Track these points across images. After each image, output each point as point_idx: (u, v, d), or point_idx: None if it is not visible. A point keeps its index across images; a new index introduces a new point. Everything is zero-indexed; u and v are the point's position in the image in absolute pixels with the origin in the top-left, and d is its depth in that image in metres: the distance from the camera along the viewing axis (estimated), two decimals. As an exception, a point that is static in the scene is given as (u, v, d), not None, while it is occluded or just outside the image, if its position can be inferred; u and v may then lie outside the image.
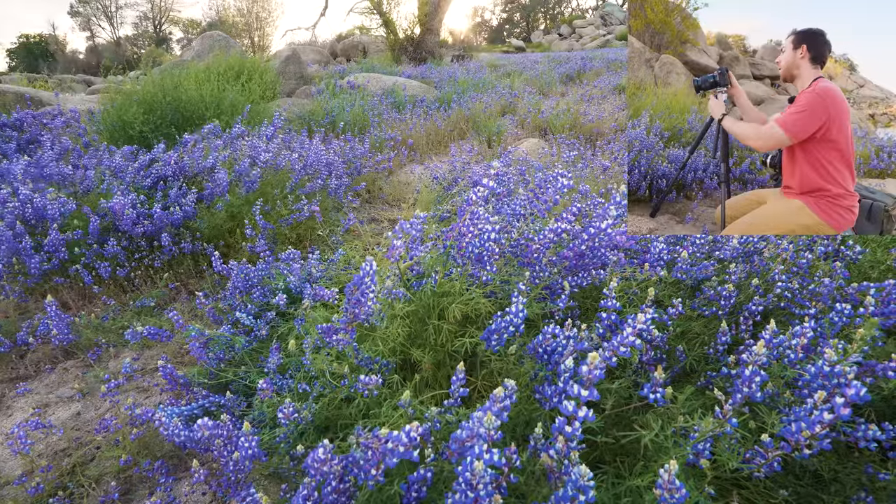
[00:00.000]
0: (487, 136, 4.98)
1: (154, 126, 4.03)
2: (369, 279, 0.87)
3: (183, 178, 2.68)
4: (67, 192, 2.66)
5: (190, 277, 2.46)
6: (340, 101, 5.64)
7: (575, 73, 9.36)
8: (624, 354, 0.80)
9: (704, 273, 1.30)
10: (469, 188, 2.61)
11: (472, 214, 1.13)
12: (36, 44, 33.10)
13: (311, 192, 2.61)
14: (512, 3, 42.50)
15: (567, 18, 34.65)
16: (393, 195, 3.62)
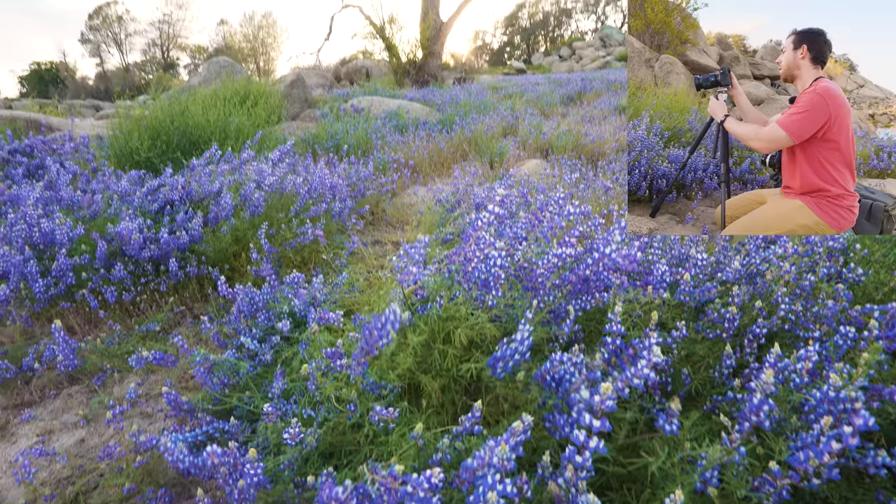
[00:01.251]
0: (490, 157, 5.04)
1: (161, 151, 4.10)
2: (391, 326, 0.88)
3: (189, 202, 2.71)
4: (76, 216, 2.70)
5: (195, 301, 2.47)
6: (344, 124, 5.73)
7: (575, 94, 9.50)
8: (637, 387, 0.80)
9: (707, 295, 1.31)
10: (472, 210, 2.63)
11: (478, 240, 1.15)
12: (47, 70, 33.88)
13: (316, 215, 2.63)
14: (512, 26, 43.39)
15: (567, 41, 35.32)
16: (396, 217, 3.65)
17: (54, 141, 4.78)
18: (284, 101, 7.18)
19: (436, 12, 14.01)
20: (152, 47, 40.56)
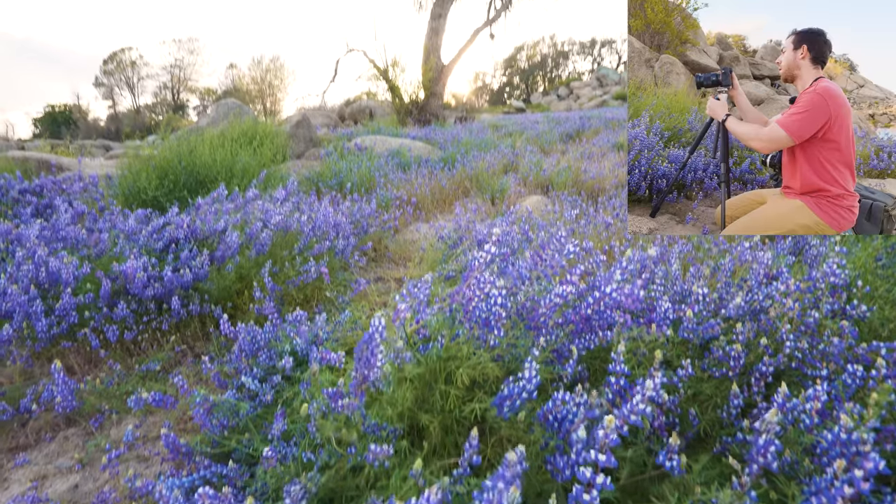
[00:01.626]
0: (491, 193, 5.10)
1: (168, 190, 4.18)
2: (378, 336, 0.88)
3: (194, 240, 2.74)
4: (81, 254, 2.73)
5: (196, 340, 2.46)
6: (348, 162, 5.85)
7: (574, 132, 9.72)
8: (635, 423, 0.79)
9: (711, 332, 1.30)
10: (474, 247, 2.65)
11: (479, 279, 1.15)
12: (60, 113, 34.95)
13: (319, 253, 2.65)
14: (511, 67, 44.84)
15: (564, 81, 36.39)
16: (399, 254, 3.67)
17: (64, 181, 4.88)
18: (290, 140, 7.35)
19: (437, 56, 14.52)
20: (163, 90, 41.97)
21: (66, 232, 2.83)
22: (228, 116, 8.58)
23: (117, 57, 40.50)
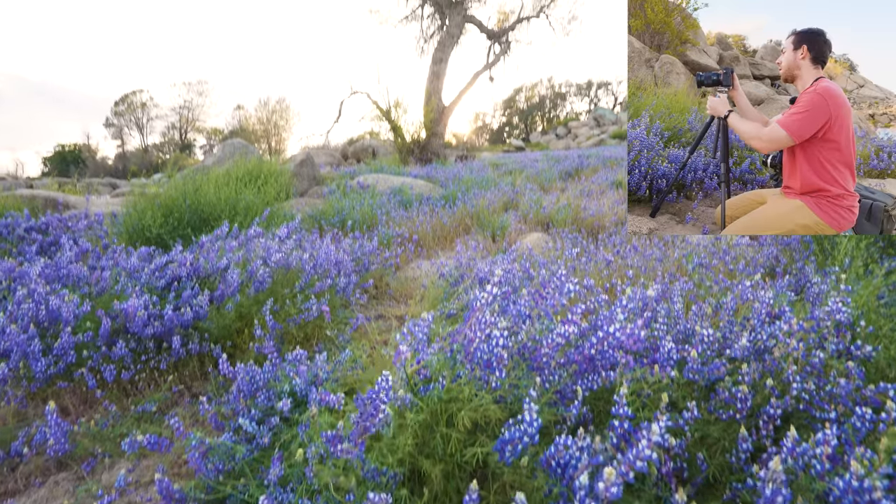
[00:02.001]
0: (492, 231, 5.14)
1: (172, 228, 4.22)
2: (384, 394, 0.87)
3: (196, 278, 2.75)
4: (83, 293, 2.72)
5: (194, 380, 2.43)
6: (350, 200, 5.93)
7: (573, 170, 9.88)
8: (641, 469, 0.77)
9: (717, 374, 1.28)
10: (475, 285, 2.65)
11: (480, 319, 1.15)
12: (70, 152, 35.72)
13: (321, 291, 2.65)
14: (510, 108, 46.07)
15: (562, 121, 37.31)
16: (400, 291, 3.67)
17: (69, 218, 4.94)
18: (294, 178, 7.48)
19: (438, 97, 14.97)
20: (171, 130, 43.07)
21: (68, 270, 2.84)
22: (234, 155, 8.77)
23: (128, 99, 41.79)
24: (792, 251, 3.11)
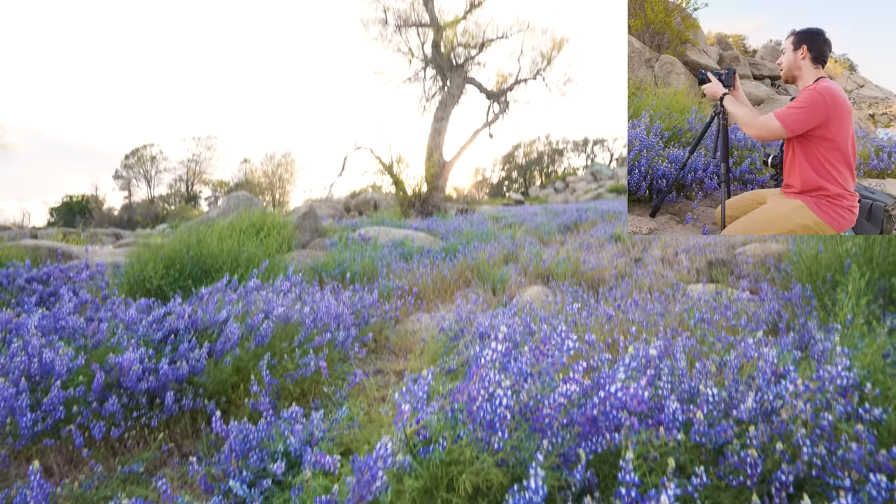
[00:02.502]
0: (492, 283, 5.15)
1: (173, 279, 4.23)
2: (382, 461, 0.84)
3: (194, 331, 2.72)
4: (78, 345, 2.69)
5: (186, 438, 2.35)
6: (352, 252, 5.98)
7: (572, 223, 10.01)
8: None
9: (724, 436, 1.25)
10: (475, 340, 2.62)
11: (483, 378, 1.13)
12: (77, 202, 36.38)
13: (320, 345, 2.62)
14: (509, 163, 47.38)
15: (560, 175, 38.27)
16: (399, 345, 3.62)
17: (71, 269, 4.95)
18: (296, 231, 7.58)
19: (439, 153, 15.45)
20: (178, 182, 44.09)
21: (65, 321, 2.82)
22: (238, 208, 8.93)
23: (139, 152, 43.10)
24: (794, 306, 3.10)
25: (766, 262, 4.75)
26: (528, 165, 46.14)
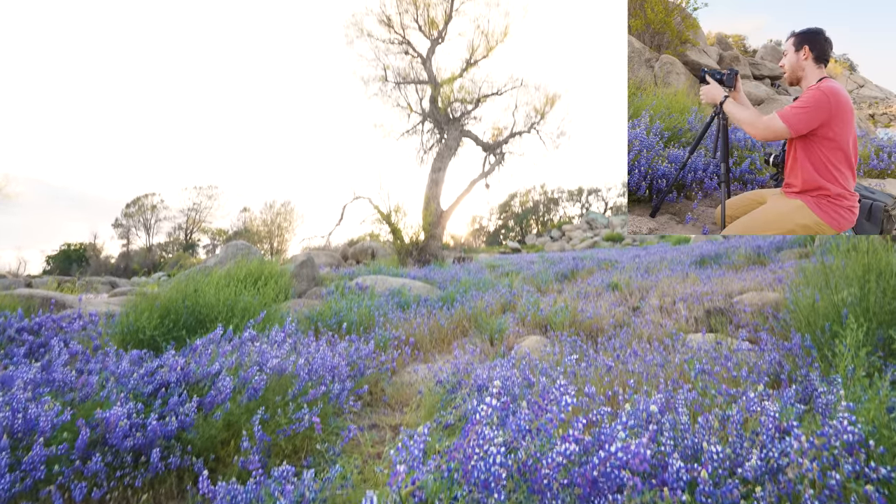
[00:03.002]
0: (490, 333, 5.09)
1: (167, 329, 4.18)
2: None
3: (186, 384, 2.66)
4: (66, 399, 2.62)
5: (171, 498, 2.24)
6: (348, 301, 5.94)
7: (569, 271, 10.05)
8: None
9: (730, 497, 1.20)
10: (473, 393, 2.57)
11: (479, 434, 1.11)
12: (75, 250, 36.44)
13: (314, 398, 2.56)
14: (506, 212, 48.11)
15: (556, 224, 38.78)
16: (395, 397, 3.53)
17: (63, 318, 4.89)
18: (293, 279, 7.57)
19: (437, 202, 15.72)
20: (177, 230, 44.43)
21: (54, 374, 2.76)
22: (236, 256, 8.95)
23: (140, 201, 43.69)
24: (794, 356, 3.06)
25: (764, 310, 4.73)
26: (524, 214, 46.84)
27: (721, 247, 10.49)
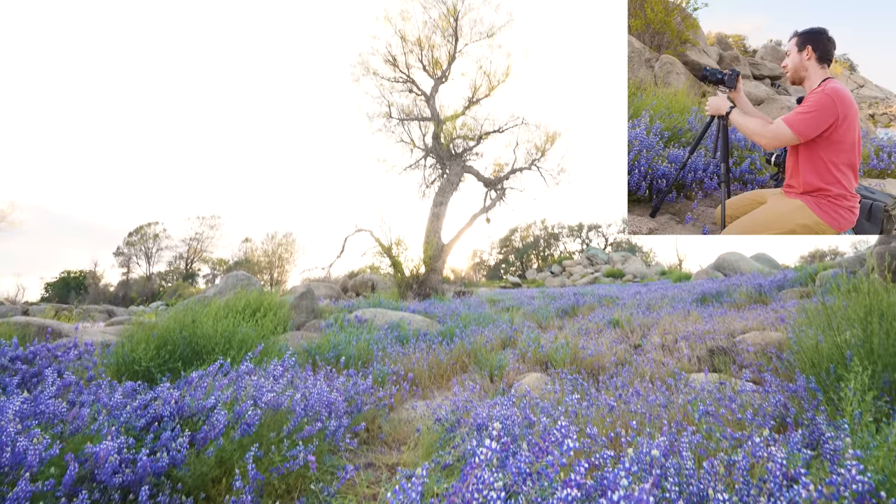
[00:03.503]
0: (490, 369, 5.02)
1: (163, 361, 4.13)
2: None
3: (179, 418, 2.61)
4: (56, 431, 2.56)
5: (157, 540, 2.16)
6: (347, 334, 5.89)
7: (569, 307, 9.99)
8: None
9: (739, 549, 1.16)
10: (472, 432, 2.51)
11: (477, 479, 1.08)
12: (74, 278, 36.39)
13: (309, 435, 2.50)
14: (506, 246, 48.28)
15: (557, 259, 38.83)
16: (393, 435, 3.45)
17: (58, 347, 4.83)
18: (292, 311, 7.53)
19: (438, 236, 15.81)
20: (178, 259, 44.50)
21: (45, 406, 2.71)
22: (236, 287, 8.93)
23: (142, 230, 43.96)
24: (800, 399, 3.01)
25: (767, 350, 4.68)
26: (524, 249, 46.99)
27: (722, 284, 10.47)
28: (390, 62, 17.78)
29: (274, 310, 6.01)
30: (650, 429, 2.81)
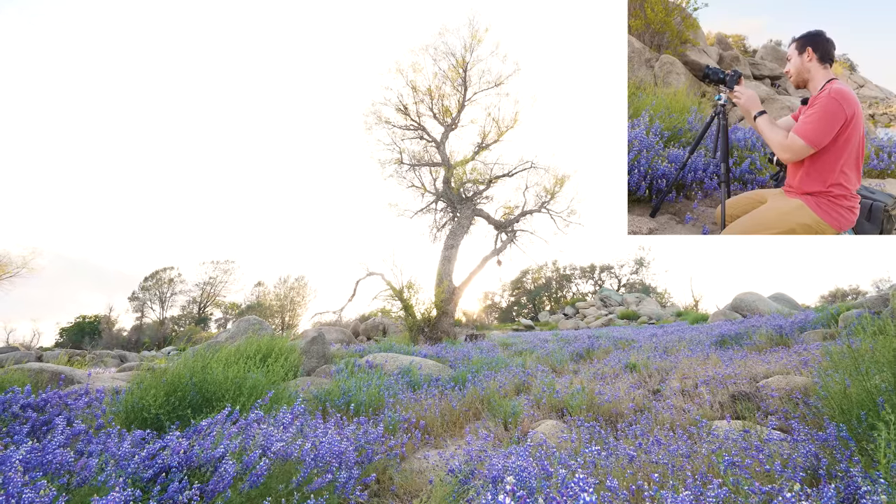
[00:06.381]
0: (503, 417, 4.88)
1: (172, 408, 4.09)
2: None
3: (187, 468, 2.56)
4: (62, 482, 2.52)
5: None
6: (357, 380, 5.81)
7: (584, 351, 9.78)
8: None
9: None
10: (487, 486, 2.42)
11: (493, 537, 1.03)
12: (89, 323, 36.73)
13: (319, 488, 2.43)
14: (518, 288, 47.95)
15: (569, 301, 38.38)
16: (404, 487, 3.33)
17: (69, 395, 4.82)
18: (303, 356, 7.47)
19: (449, 279, 15.81)
20: (192, 304, 44.84)
21: (53, 455, 2.68)
22: (248, 331, 8.94)
23: (158, 275, 44.63)
24: (831, 448, 2.87)
25: (793, 395, 4.50)
26: (536, 291, 46.62)
27: (741, 326, 10.21)
28: (402, 111, 18.42)
29: (285, 355, 5.98)
30: (673, 481, 2.68)
